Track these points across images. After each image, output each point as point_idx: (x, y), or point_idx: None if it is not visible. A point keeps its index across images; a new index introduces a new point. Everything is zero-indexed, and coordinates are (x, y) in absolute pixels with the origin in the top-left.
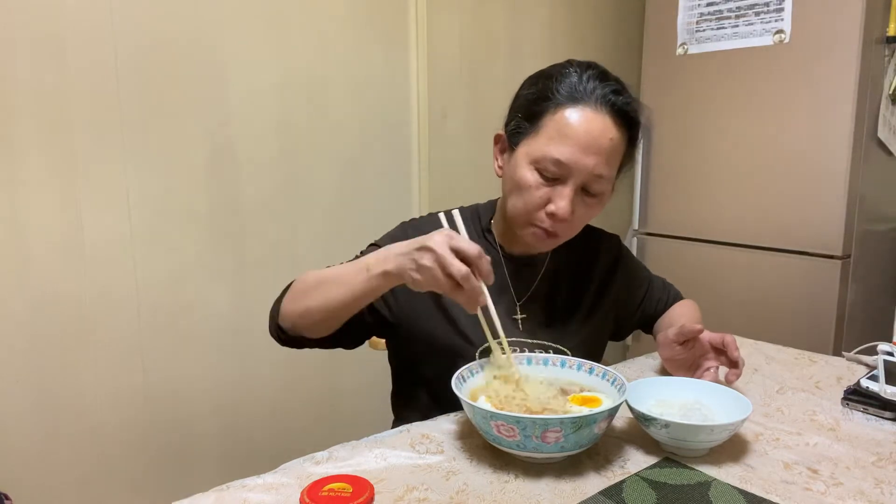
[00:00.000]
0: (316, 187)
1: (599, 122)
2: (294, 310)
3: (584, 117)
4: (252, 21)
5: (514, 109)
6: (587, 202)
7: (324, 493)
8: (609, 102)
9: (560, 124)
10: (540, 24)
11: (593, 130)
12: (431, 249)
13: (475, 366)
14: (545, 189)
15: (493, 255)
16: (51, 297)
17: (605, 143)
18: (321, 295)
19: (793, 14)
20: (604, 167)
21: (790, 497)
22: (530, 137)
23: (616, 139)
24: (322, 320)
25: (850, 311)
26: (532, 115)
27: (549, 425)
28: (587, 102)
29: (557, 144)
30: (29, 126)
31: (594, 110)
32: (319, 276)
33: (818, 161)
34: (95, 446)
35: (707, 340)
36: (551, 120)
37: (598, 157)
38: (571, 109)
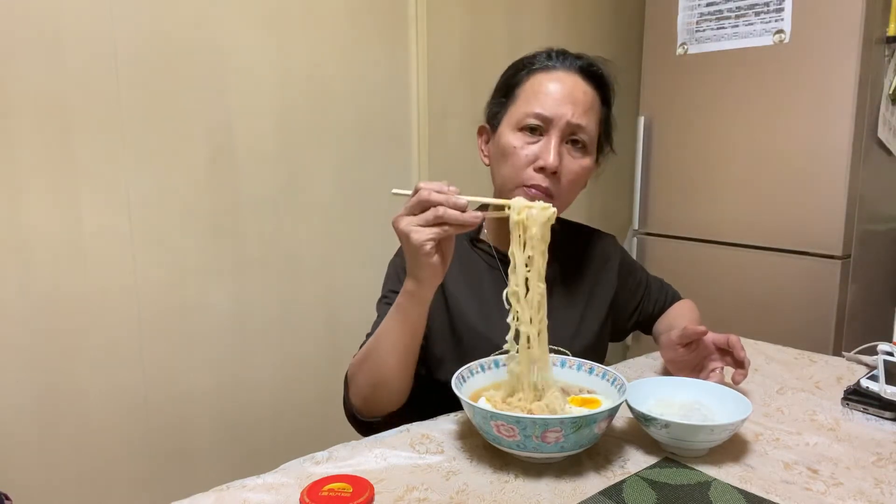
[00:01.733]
0: (316, 187)
1: (570, 79)
2: (365, 396)
3: (556, 76)
4: (252, 21)
5: (494, 94)
6: (573, 154)
7: (324, 493)
8: (577, 66)
9: (535, 85)
10: (540, 24)
11: (566, 85)
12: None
13: (475, 366)
14: (530, 147)
15: (488, 260)
16: (50, 297)
17: (580, 95)
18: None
19: (793, 14)
20: (581, 116)
21: (790, 497)
22: (510, 108)
23: (589, 93)
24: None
25: (850, 311)
26: (508, 88)
27: (549, 425)
28: (558, 68)
29: (535, 101)
30: (29, 126)
31: (565, 71)
32: (365, 349)
33: (818, 161)
34: (95, 446)
35: (711, 341)
36: (527, 84)
37: (575, 106)
38: (544, 74)
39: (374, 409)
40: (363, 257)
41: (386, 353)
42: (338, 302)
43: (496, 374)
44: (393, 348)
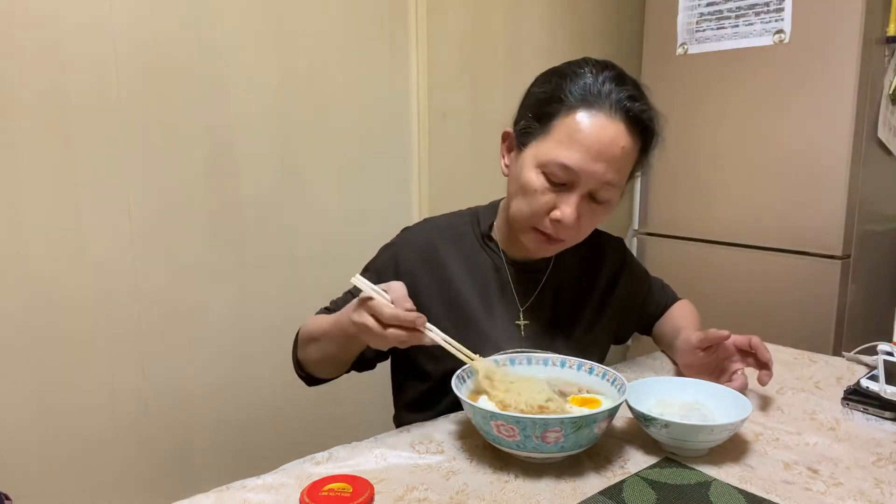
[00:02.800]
0: (316, 187)
1: (612, 129)
2: (308, 362)
3: (596, 123)
4: (252, 21)
5: (525, 108)
6: (593, 209)
7: (324, 493)
8: (624, 108)
9: (571, 128)
10: (540, 24)
11: (605, 137)
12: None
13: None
14: (551, 194)
15: (496, 260)
16: (50, 297)
17: (617, 151)
18: (321, 344)
19: (793, 14)
20: (613, 175)
21: (790, 497)
22: (539, 139)
23: (628, 147)
24: (334, 368)
25: (850, 311)
26: (542, 116)
27: (549, 425)
28: (601, 107)
29: (567, 149)
30: (29, 126)
31: (607, 116)
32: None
33: (818, 161)
34: (95, 446)
35: (732, 343)
36: (562, 123)
37: (608, 164)
38: (584, 113)
39: (317, 374)
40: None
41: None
42: None
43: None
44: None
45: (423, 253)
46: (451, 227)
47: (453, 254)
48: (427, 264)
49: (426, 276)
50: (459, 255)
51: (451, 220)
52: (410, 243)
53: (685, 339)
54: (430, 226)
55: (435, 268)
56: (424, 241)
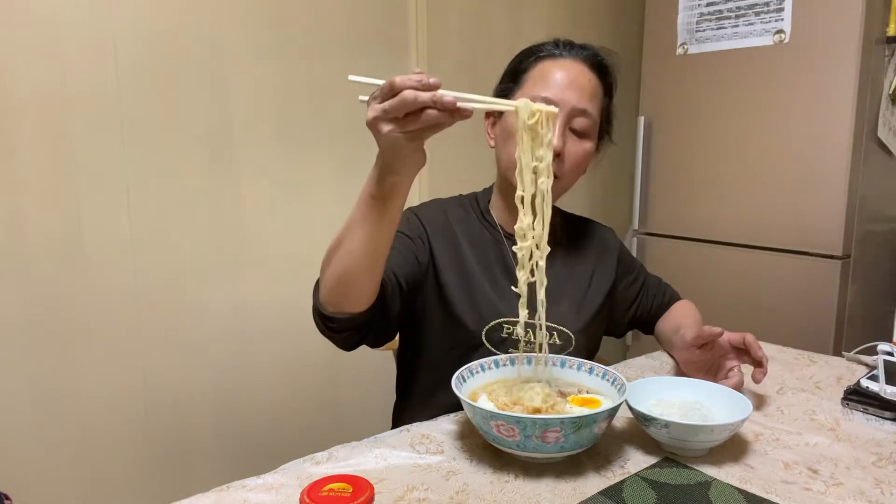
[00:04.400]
0: (316, 187)
1: (576, 67)
2: (332, 289)
3: (562, 63)
4: (252, 21)
5: (502, 78)
6: (574, 141)
7: (324, 493)
8: (583, 56)
9: (542, 71)
10: (540, 25)
11: (572, 72)
12: (375, 130)
13: (475, 366)
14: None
15: (495, 235)
16: (50, 297)
17: (584, 83)
18: (345, 244)
19: (793, 14)
20: (587, 102)
21: (790, 497)
22: (516, 92)
23: (594, 81)
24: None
25: (850, 311)
26: (516, 74)
27: (549, 425)
28: (564, 56)
29: (541, 86)
30: (29, 126)
31: (571, 60)
32: (336, 239)
33: (818, 161)
34: (95, 446)
35: (727, 341)
36: (534, 70)
37: (580, 92)
38: (550, 61)
39: (339, 304)
40: None
41: (361, 245)
42: None
43: (496, 374)
44: (370, 240)
45: (435, 220)
46: (454, 204)
47: (459, 225)
48: (440, 230)
49: (439, 240)
50: (464, 227)
51: (453, 199)
52: (423, 208)
53: (681, 336)
54: (438, 202)
55: (446, 234)
56: (436, 210)
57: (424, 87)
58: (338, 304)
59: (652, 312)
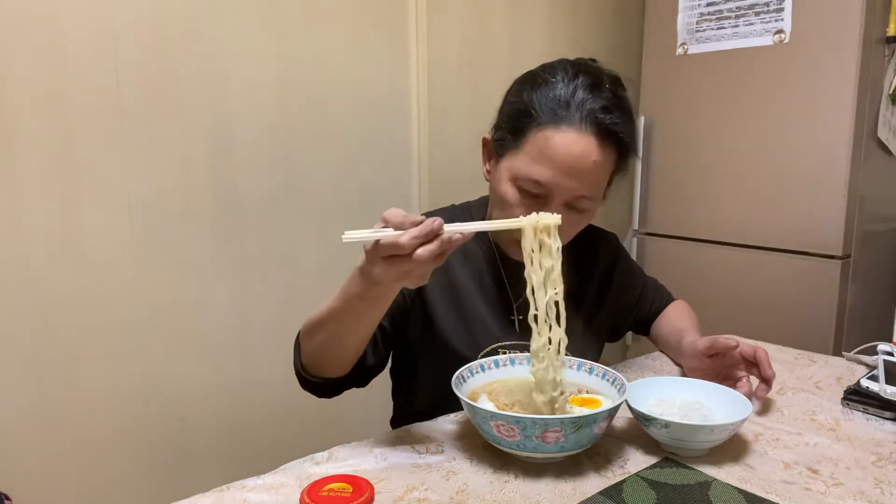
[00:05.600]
0: (316, 187)
1: (582, 143)
2: (314, 361)
3: (566, 139)
4: (252, 21)
5: (500, 117)
6: (571, 218)
7: (324, 493)
8: (595, 121)
9: (541, 144)
10: (540, 24)
11: (575, 152)
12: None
13: (475, 366)
14: (526, 207)
15: (488, 254)
16: (51, 298)
17: (588, 165)
18: (331, 329)
19: (793, 14)
20: (587, 188)
21: (790, 497)
22: (512, 152)
23: (600, 160)
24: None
25: (850, 311)
26: (514, 130)
27: (549, 425)
28: (570, 121)
29: (538, 165)
30: (29, 126)
31: (577, 131)
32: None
33: (818, 161)
34: (96, 446)
35: (739, 352)
36: (533, 138)
37: (580, 179)
38: (553, 131)
39: (324, 372)
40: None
41: (346, 333)
42: None
43: (496, 374)
44: (355, 330)
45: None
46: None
47: None
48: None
49: None
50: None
51: (445, 213)
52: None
53: (691, 343)
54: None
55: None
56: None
57: (431, 235)
58: (323, 372)
59: (650, 315)
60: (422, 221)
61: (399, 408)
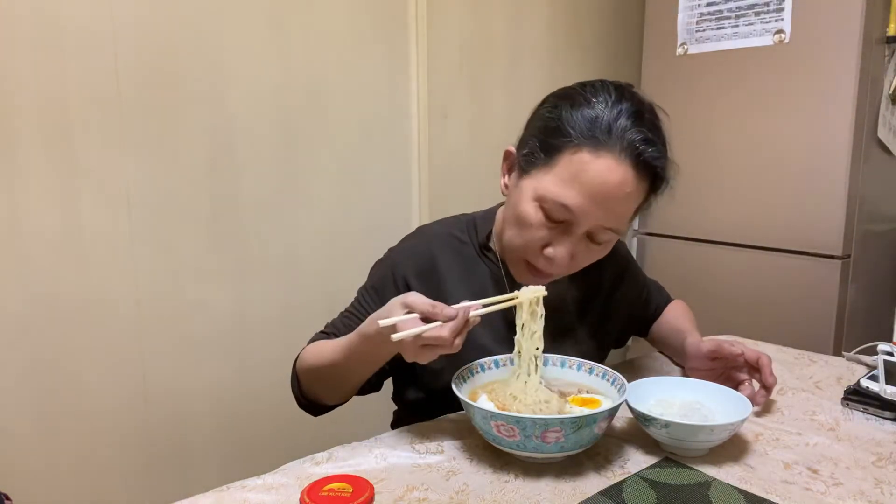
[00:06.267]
0: (316, 187)
1: (619, 173)
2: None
3: (602, 165)
4: (252, 21)
5: (531, 131)
6: (590, 248)
7: (324, 494)
8: (635, 152)
9: (575, 168)
10: (540, 24)
11: (610, 181)
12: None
13: (475, 366)
14: (546, 231)
15: (494, 271)
16: (50, 297)
17: (621, 196)
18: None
19: (793, 14)
20: (614, 220)
21: (790, 497)
22: (541, 170)
23: (633, 191)
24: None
25: (850, 311)
26: (548, 148)
27: (549, 425)
28: (610, 148)
29: (569, 189)
30: (29, 126)
31: (616, 159)
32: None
33: (818, 161)
34: (95, 446)
35: (742, 356)
36: (567, 159)
37: (609, 209)
38: (591, 155)
39: (322, 401)
40: (363, 257)
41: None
42: (338, 302)
43: (496, 374)
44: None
45: (419, 265)
46: (447, 236)
47: (451, 264)
48: (424, 277)
49: (423, 289)
50: (457, 265)
51: (447, 228)
52: (405, 256)
53: (694, 345)
54: (425, 236)
55: (432, 280)
56: (420, 252)
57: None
58: (323, 402)
59: (651, 318)
60: (452, 313)
61: (399, 410)
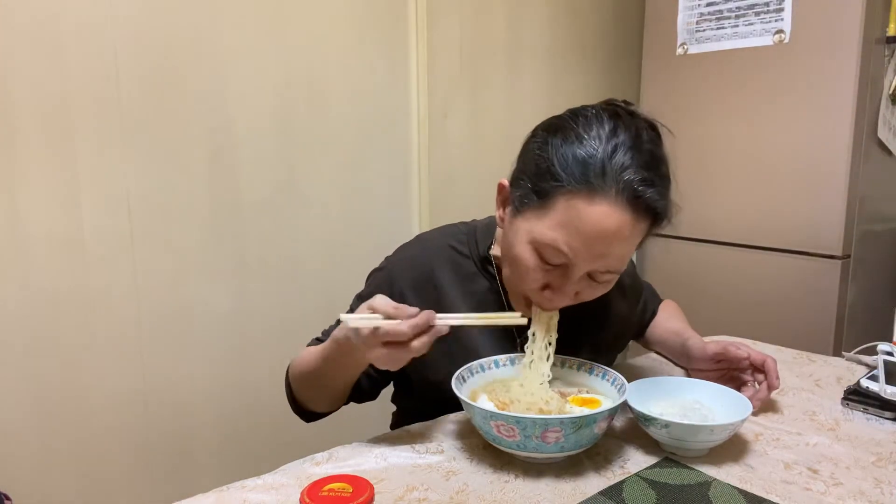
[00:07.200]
0: (316, 188)
1: (616, 219)
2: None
3: (598, 213)
4: (252, 22)
5: (522, 168)
6: (593, 286)
7: (324, 494)
8: (633, 195)
9: (569, 215)
10: (540, 25)
11: (607, 228)
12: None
13: (475, 366)
14: (544, 273)
15: (494, 285)
16: (51, 297)
17: (619, 241)
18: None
19: (793, 14)
20: (613, 263)
21: (790, 497)
22: (535, 213)
23: (631, 234)
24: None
25: (850, 311)
26: (540, 192)
27: (549, 425)
28: (605, 193)
29: (563, 235)
30: (29, 126)
31: (611, 204)
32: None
33: (818, 161)
34: (95, 446)
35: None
36: (560, 205)
37: (607, 254)
38: (584, 202)
39: (316, 407)
40: (363, 257)
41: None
42: (338, 302)
43: (496, 374)
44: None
45: (416, 277)
46: (447, 248)
47: (449, 277)
48: (421, 289)
49: (420, 302)
50: (456, 278)
51: (447, 238)
52: (403, 267)
53: (698, 347)
54: (423, 246)
55: (429, 293)
56: (418, 264)
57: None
58: (315, 407)
59: (647, 322)
60: (414, 312)
61: (398, 412)
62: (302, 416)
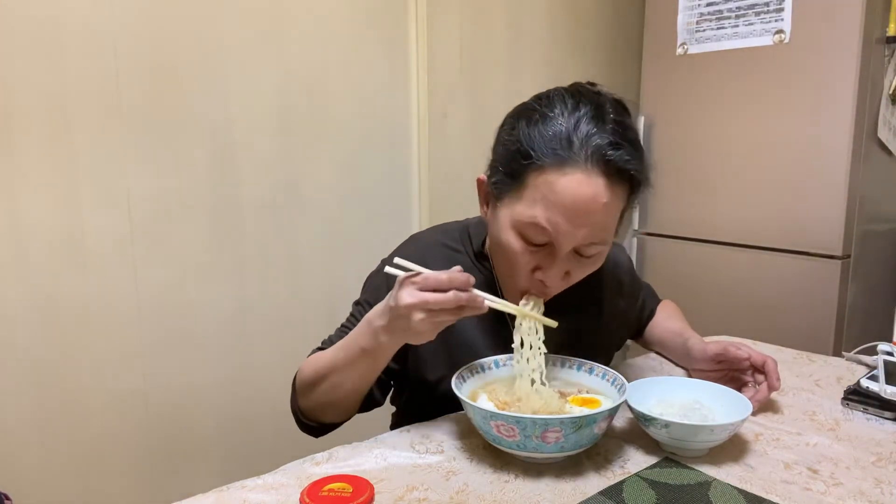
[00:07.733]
0: (316, 187)
1: (590, 186)
2: (314, 408)
3: (571, 182)
4: (252, 22)
5: (495, 157)
6: (582, 262)
7: (324, 493)
8: (603, 160)
9: (544, 190)
10: (540, 24)
11: (583, 197)
12: (406, 314)
13: (475, 366)
14: (531, 255)
15: (489, 279)
16: (51, 297)
17: (598, 209)
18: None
19: (793, 14)
20: (597, 234)
21: (790, 497)
22: (512, 197)
23: (610, 200)
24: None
25: (850, 311)
26: (513, 174)
27: (549, 425)
28: (575, 162)
29: (542, 210)
30: (29, 126)
31: (584, 172)
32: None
33: (818, 161)
34: (95, 446)
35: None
36: (533, 183)
37: (589, 225)
38: (556, 174)
39: (323, 419)
40: (363, 257)
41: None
42: (338, 302)
43: (496, 373)
44: (356, 382)
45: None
46: (441, 246)
47: None
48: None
49: None
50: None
51: (441, 236)
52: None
53: (699, 348)
54: (417, 245)
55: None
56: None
57: (465, 285)
58: (321, 419)
59: (644, 322)
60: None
61: (398, 412)
62: (310, 431)
